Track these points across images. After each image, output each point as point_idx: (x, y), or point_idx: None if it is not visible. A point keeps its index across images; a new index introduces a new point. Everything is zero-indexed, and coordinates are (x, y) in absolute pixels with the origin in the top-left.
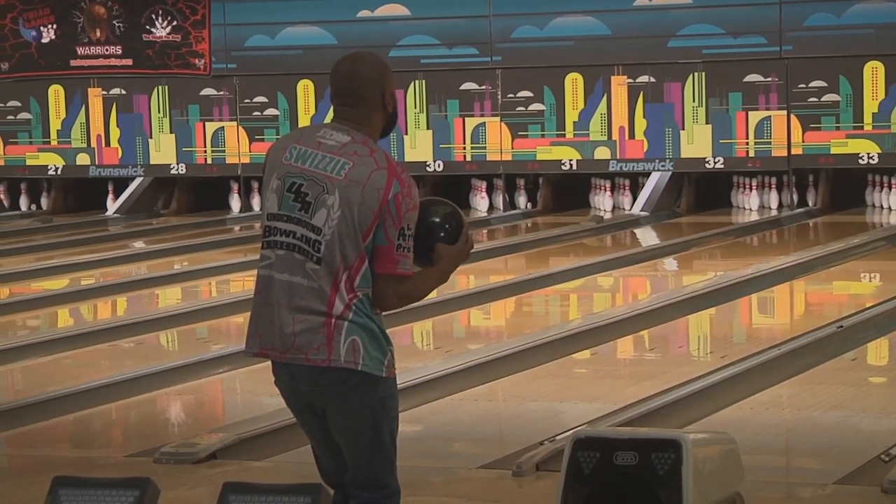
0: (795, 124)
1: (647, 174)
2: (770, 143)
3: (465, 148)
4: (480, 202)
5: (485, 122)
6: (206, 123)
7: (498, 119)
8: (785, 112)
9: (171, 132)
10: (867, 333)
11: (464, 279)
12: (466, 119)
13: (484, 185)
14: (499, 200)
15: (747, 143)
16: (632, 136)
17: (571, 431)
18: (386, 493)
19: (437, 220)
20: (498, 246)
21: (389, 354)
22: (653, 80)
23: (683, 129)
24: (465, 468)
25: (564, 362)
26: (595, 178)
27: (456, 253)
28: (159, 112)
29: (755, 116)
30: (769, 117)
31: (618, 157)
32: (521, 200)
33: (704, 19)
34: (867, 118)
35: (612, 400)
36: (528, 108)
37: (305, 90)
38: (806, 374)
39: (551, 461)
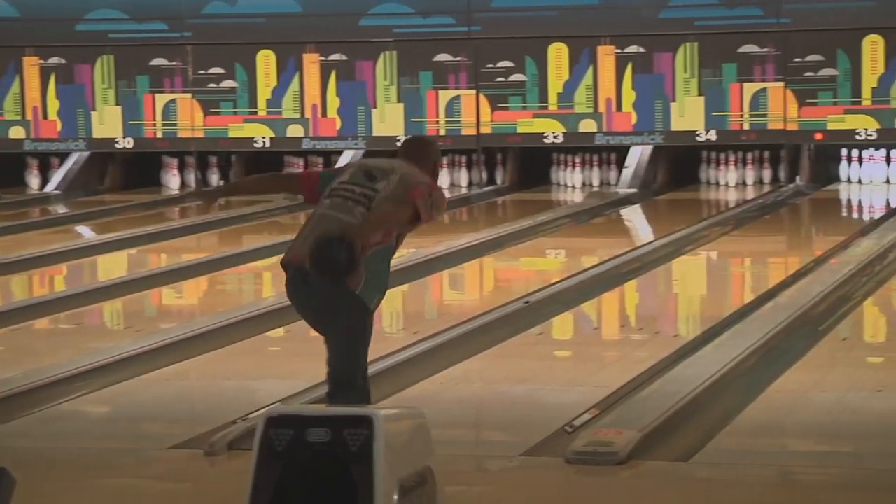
0: (484, 103)
1: (340, 152)
2: (459, 121)
3: (154, 125)
4: (172, 180)
5: (175, 99)
6: None
7: (190, 96)
8: (474, 92)
9: None
10: (553, 308)
11: (155, 258)
12: (157, 95)
13: (176, 162)
14: (191, 179)
15: (437, 122)
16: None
17: (264, 409)
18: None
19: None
20: (190, 224)
21: (378, 298)
22: (345, 58)
23: (376, 108)
24: (156, 449)
25: (258, 340)
26: (288, 157)
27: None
28: None
29: (445, 96)
30: (458, 97)
31: (311, 134)
32: (214, 178)
33: None
34: (552, 98)
35: (305, 377)
36: (220, 85)
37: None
38: (495, 348)
39: (244, 440)
